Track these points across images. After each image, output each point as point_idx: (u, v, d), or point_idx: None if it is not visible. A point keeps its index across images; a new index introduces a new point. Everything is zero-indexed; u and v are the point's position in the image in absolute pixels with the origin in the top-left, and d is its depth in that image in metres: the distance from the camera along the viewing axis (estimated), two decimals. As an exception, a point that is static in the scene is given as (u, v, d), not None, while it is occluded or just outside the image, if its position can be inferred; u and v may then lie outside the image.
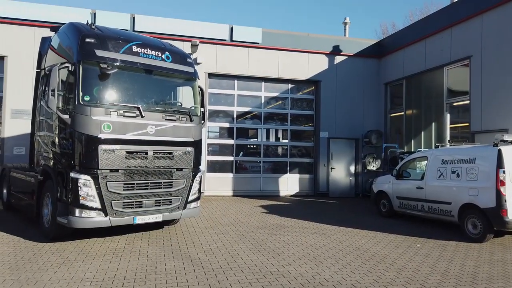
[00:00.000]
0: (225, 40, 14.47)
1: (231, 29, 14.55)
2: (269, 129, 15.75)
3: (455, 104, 12.75)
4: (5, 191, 10.07)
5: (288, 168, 15.35)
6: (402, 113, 15.04)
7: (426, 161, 9.52)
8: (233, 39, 14.53)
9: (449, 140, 11.90)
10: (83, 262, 5.78)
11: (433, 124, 13.75)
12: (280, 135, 16.18)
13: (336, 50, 15.64)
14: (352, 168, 15.75)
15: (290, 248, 6.97)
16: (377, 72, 16.14)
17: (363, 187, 15.48)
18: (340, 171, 15.55)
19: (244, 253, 6.54)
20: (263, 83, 15.27)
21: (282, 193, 15.03)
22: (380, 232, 8.51)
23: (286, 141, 15.85)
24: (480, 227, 7.79)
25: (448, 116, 12.76)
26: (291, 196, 14.95)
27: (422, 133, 14.26)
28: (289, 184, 15.24)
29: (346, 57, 15.78)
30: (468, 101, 11.81)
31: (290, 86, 15.63)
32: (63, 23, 8.20)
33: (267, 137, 15.74)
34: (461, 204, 8.21)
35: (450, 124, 12.78)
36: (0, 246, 6.52)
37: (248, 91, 15.25)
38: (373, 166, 15.35)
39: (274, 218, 9.99)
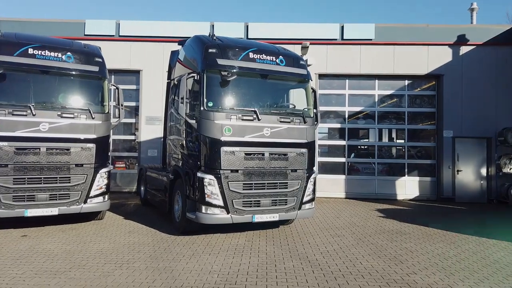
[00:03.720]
0: (336, 39, 14.20)
1: (342, 27, 14.21)
2: (384, 129, 14.92)
3: None
4: (142, 188, 11.49)
5: (406, 170, 14.31)
6: (549, 106, 12.78)
7: None
8: (344, 38, 14.16)
9: None
10: (209, 255, 6.26)
11: None
12: (394, 135, 15.21)
13: (461, 40, 14.07)
14: (483, 171, 13.95)
15: (414, 256, 6.49)
16: (514, 60, 14.01)
17: (498, 192, 13.57)
18: (468, 174, 13.92)
19: (363, 257, 6.31)
20: (376, 80, 14.56)
21: (400, 196, 14.08)
22: (524, 245, 7.36)
23: (402, 141, 14.83)
24: None
25: None
26: (410, 200, 13.91)
27: None
28: (407, 187, 14.20)
29: (474, 46, 14.06)
30: None
31: (407, 82, 14.59)
32: (187, 37, 9.04)
33: (381, 137, 14.94)
34: None
35: None
36: (141, 236, 7.47)
37: (360, 90, 14.69)
38: (510, 168, 13.36)
39: (393, 223, 9.42)
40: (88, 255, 6.12)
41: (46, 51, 7.76)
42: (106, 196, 8.32)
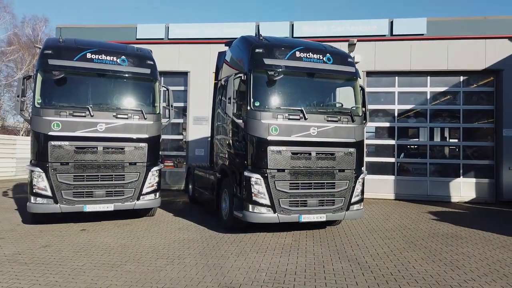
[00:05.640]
0: (385, 35, 13.76)
1: (391, 23, 13.75)
2: (437, 128, 14.22)
3: None
4: (190, 186, 11.80)
5: (460, 171, 13.55)
6: None
7: None
8: (393, 33, 13.70)
9: None
10: (257, 253, 6.30)
11: None
12: (447, 134, 14.45)
13: (523, 32, 13.09)
14: (549, 173, 12.88)
15: (472, 261, 6.13)
16: None
17: None
18: (531, 176, 12.91)
19: (416, 261, 6.06)
20: (428, 77, 13.90)
21: (454, 199, 13.36)
22: None
23: (456, 140, 14.06)
24: None
25: None
26: (465, 203, 13.15)
27: None
28: (462, 189, 13.44)
29: (538, 38, 13.04)
30: None
31: (462, 78, 13.80)
32: (232, 38, 9.15)
33: (433, 137, 14.25)
34: None
35: None
36: (190, 233, 7.67)
37: (411, 87, 14.12)
38: None
39: (447, 226, 8.96)
40: (141, 249, 6.39)
41: (103, 55, 8.19)
42: (157, 194, 8.63)
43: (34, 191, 7.62)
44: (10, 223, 8.30)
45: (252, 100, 7.30)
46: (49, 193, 7.64)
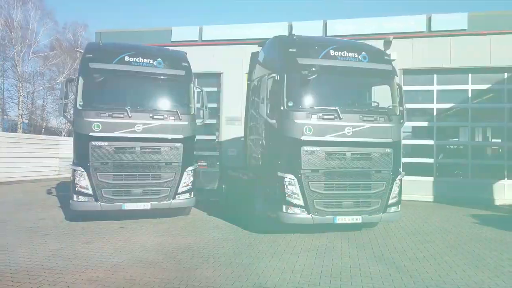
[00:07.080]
0: (422, 31, 13.28)
1: (429, 18, 13.26)
2: (479, 128, 13.57)
3: None
4: (223, 186, 11.89)
5: (505, 173, 12.85)
6: None
7: None
8: (432, 30, 13.20)
9: None
10: (291, 255, 6.26)
11: None
12: (489, 134, 13.75)
13: None
14: None
15: (520, 268, 5.80)
16: None
17: None
18: None
19: (458, 267, 5.80)
20: (469, 74, 13.28)
21: (498, 201, 12.68)
22: None
23: (500, 140, 13.35)
24: None
25: None
26: (510, 206, 12.45)
27: None
28: (508, 191, 12.74)
29: None
30: None
31: (506, 75, 13.09)
32: (265, 38, 9.13)
33: (474, 136, 13.60)
34: None
35: None
36: (224, 233, 7.74)
37: (451, 85, 13.53)
38: None
39: (491, 230, 8.52)
40: (177, 248, 6.51)
41: (140, 58, 8.43)
42: (192, 193, 8.76)
43: (76, 189, 7.94)
44: (54, 220, 8.71)
45: (285, 100, 7.25)
46: (90, 191, 7.94)
